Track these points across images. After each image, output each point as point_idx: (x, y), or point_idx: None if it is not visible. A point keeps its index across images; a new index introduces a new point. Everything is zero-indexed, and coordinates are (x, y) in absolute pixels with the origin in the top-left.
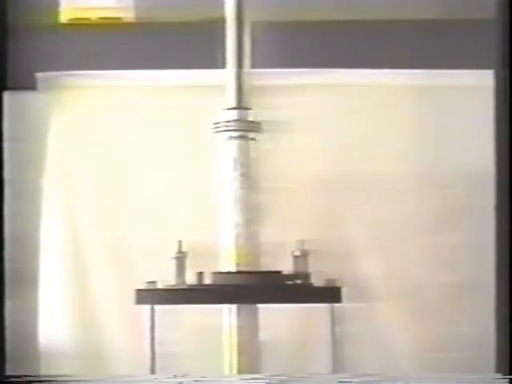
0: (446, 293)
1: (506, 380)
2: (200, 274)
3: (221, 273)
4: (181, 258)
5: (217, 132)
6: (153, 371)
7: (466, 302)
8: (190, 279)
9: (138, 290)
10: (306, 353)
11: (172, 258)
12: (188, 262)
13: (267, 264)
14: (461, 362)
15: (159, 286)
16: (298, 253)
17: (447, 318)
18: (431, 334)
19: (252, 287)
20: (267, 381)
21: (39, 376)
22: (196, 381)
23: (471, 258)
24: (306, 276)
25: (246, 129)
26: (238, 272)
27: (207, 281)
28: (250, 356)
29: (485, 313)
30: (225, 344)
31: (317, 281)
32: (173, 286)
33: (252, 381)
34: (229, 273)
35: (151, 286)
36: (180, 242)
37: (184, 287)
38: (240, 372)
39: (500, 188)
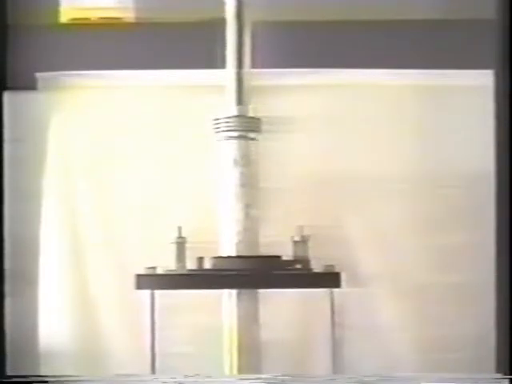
0: (446, 292)
1: (506, 380)
2: (200, 259)
3: (221, 257)
4: (180, 244)
5: (217, 131)
6: (153, 371)
7: (466, 302)
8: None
9: (138, 276)
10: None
11: (172, 243)
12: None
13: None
14: (461, 362)
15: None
16: (297, 238)
17: (447, 317)
18: (430, 334)
19: (252, 273)
20: (267, 381)
21: (39, 376)
22: (196, 381)
23: (471, 257)
24: (305, 261)
25: (247, 128)
26: (238, 256)
27: (207, 266)
28: (250, 347)
29: (485, 313)
30: (225, 334)
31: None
32: (173, 271)
33: (253, 381)
34: (228, 257)
35: (151, 272)
36: (180, 228)
37: (184, 272)
38: (240, 366)
39: (500, 188)
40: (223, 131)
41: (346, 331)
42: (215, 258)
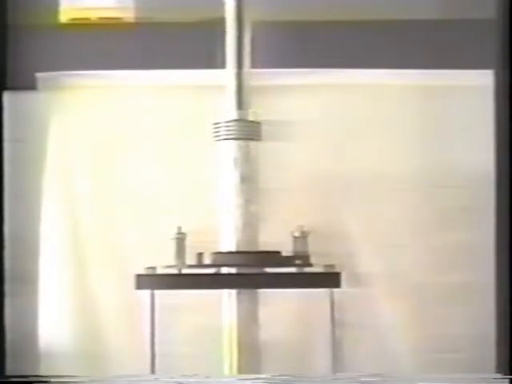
0: (446, 292)
1: (506, 380)
2: (200, 255)
3: (220, 253)
4: (180, 240)
5: (217, 135)
6: (153, 371)
7: (466, 302)
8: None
9: (138, 276)
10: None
11: (172, 239)
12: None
13: None
14: (460, 362)
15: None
16: (297, 234)
17: (446, 318)
18: (430, 335)
19: (251, 274)
20: (267, 381)
21: (39, 376)
22: (196, 381)
23: (471, 257)
24: (305, 257)
25: (247, 132)
26: (238, 252)
27: (207, 262)
28: (250, 347)
29: (485, 313)
30: (225, 334)
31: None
32: (173, 266)
33: (253, 381)
34: (228, 253)
35: (151, 272)
36: (179, 228)
37: (184, 272)
38: (240, 366)
39: (500, 188)
40: (223, 135)
41: (346, 331)
42: (215, 253)
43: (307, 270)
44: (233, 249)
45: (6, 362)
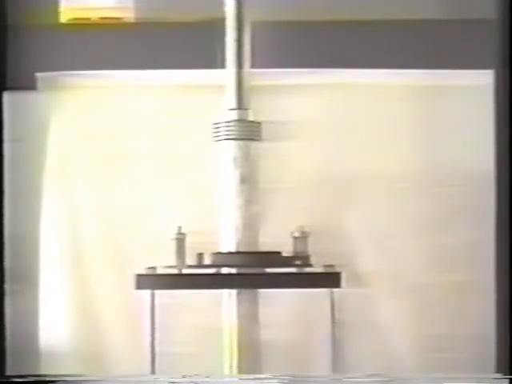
0: (446, 292)
1: (506, 380)
2: (200, 255)
3: (220, 253)
4: (180, 240)
5: (216, 136)
6: (153, 371)
7: (466, 302)
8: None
9: (138, 275)
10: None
11: (172, 239)
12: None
13: None
14: (460, 362)
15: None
16: (297, 234)
17: (446, 318)
18: (430, 334)
19: (251, 274)
20: (267, 381)
21: (39, 376)
22: (197, 381)
23: (471, 257)
24: (305, 258)
25: (247, 133)
26: (237, 252)
27: (207, 262)
28: (250, 347)
29: (485, 313)
30: (225, 334)
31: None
32: (173, 266)
33: (253, 381)
34: (228, 253)
35: (151, 272)
36: (179, 228)
37: (184, 272)
38: (240, 366)
39: (500, 188)
40: (223, 136)
41: (346, 331)
42: (215, 254)
43: (307, 270)
44: (233, 249)
45: (6, 362)
